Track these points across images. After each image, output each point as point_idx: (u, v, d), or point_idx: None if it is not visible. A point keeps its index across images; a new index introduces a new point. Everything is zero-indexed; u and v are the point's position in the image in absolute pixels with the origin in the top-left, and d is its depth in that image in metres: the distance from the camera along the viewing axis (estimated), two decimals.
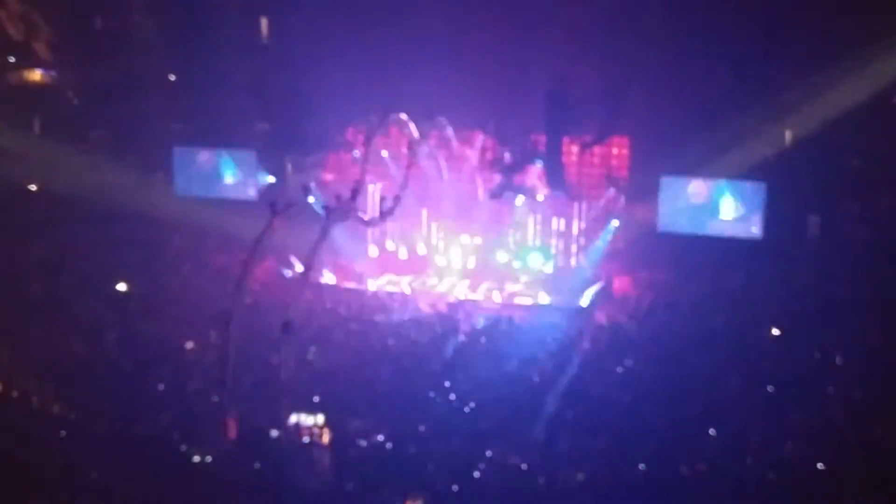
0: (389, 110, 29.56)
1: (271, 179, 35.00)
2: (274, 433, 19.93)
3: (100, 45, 36.28)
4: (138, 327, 25.70)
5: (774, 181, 30.69)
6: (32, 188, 33.74)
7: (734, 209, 31.43)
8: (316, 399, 21.19)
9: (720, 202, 31.53)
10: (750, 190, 31.22)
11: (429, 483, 18.11)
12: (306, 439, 20.08)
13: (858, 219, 29.98)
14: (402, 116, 29.60)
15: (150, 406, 20.87)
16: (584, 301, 29.58)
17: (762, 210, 30.90)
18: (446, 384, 22.66)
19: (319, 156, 34.37)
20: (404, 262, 32.25)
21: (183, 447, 19.15)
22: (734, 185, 31.40)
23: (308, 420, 20.22)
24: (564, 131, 33.84)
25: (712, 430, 20.11)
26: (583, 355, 25.31)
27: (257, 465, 18.65)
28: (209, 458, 18.91)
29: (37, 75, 37.11)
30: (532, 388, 22.80)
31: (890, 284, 26.01)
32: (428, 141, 30.92)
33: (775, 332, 25.69)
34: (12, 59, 36.31)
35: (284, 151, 35.13)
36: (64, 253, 30.05)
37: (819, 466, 18.27)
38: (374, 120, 29.76)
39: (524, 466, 19.00)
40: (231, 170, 35.11)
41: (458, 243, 32.13)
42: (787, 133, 31.29)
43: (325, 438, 20.05)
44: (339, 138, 34.53)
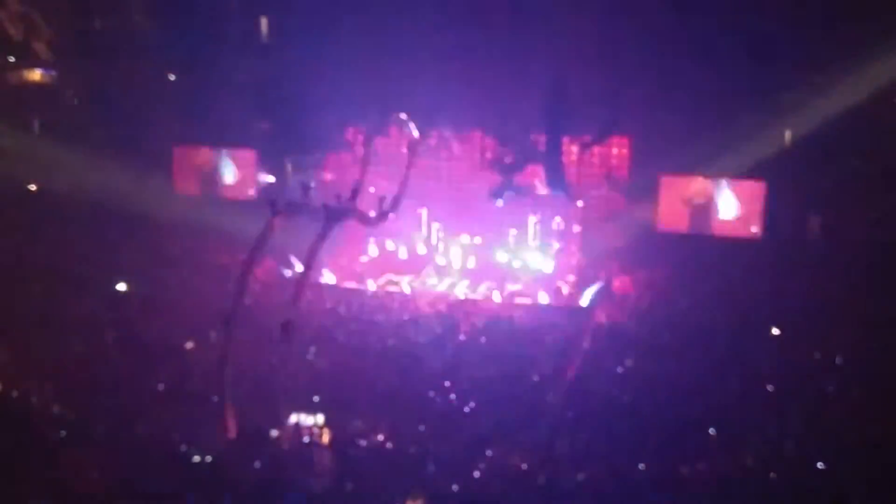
0: (389, 110, 29.57)
1: (271, 179, 34.99)
2: (274, 433, 19.97)
3: (100, 45, 36.29)
4: (138, 327, 25.71)
5: (774, 180, 30.69)
6: (32, 188, 33.72)
7: (734, 208, 31.43)
8: (316, 399, 21.23)
9: (720, 201, 31.52)
10: (750, 189, 31.22)
11: (429, 483, 18.11)
12: (306, 439, 20.11)
13: (858, 218, 29.95)
14: (402, 116, 29.56)
15: (150, 406, 20.92)
16: (584, 300, 29.55)
17: (762, 209, 30.89)
18: (446, 384, 22.68)
19: (319, 155, 34.34)
20: (404, 262, 32.23)
21: (183, 447, 19.19)
22: (734, 184, 31.40)
23: (308, 420, 20.25)
24: (564, 131, 33.82)
25: (712, 430, 20.14)
26: (583, 355, 25.35)
27: (257, 464, 18.67)
28: (209, 458, 18.94)
29: (37, 75, 37.11)
30: (532, 388, 22.83)
31: (890, 284, 26.01)
32: (428, 141, 30.87)
33: (775, 331, 25.70)
34: (12, 59, 36.31)
35: (284, 151, 35.11)
36: (64, 253, 30.02)
37: (819, 466, 18.29)
38: (374, 120, 29.83)
39: (524, 466, 19.02)
40: (231, 170, 35.09)
41: (458, 243, 32.10)
42: (787, 132, 31.31)
43: (325, 438, 20.08)
44: (338, 138, 34.51)
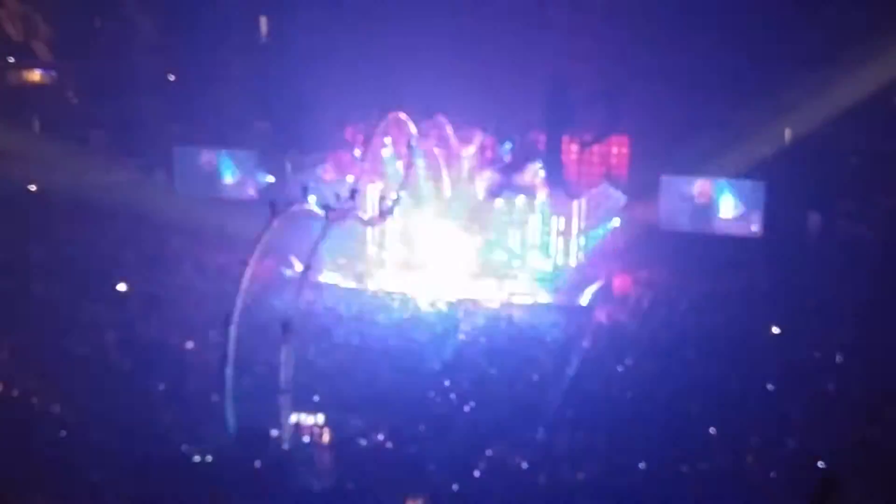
0: (389, 109, 29.58)
1: (271, 179, 34.97)
2: (274, 433, 19.98)
3: (100, 45, 36.30)
4: (138, 327, 25.72)
5: (774, 180, 30.66)
6: (32, 188, 33.72)
7: (734, 207, 31.41)
8: (316, 399, 21.24)
9: (720, 201, 31.50)
10: (750, 188, 31.19)
11: (429, 482, 18.13)
12: (306, 439, 20.14)
13: (858, 217, 29.95)
14: (402, 116, 29.57)
15: (151, 406, 20.93)
16: (584, 300, 29.52)
17: (762, 208, 30.87)
18: (446, 384, 22.70)
19: (319, 155, 34.32)
20: (404, 261, 32.19)
21: (184, 447, 19.20)
22: (734, 183, 31.38)
23: (308, 420, 20.27)
24: (564, 130, 33.82)
25: (713, 429, 20.14)
26: (583, 354, 25.34)
27: (257, 464, 18.68)
28: (209, 458, 18.95)
29: (37, 75, 37.12)
30: (532, 388, 22.83)
31: (889, 283, 25.98)
32: (427, 140, 30.86)
33: (775, 330, 25.67)
34: (12, 60, 36.32)
35: (284, 151, 35.10)
36: (64, 253, 30.04)
37: (819, 465, 18.27)
38: (374, 119, 29.82)
39: (524, 466, 19.03)
40: (231, 170, 35.08)
41: (458, 243, 32.05)
42: (787, 132, 31.30)
43: (326, 438, 20.10)
44: (338, 138, 34.51)
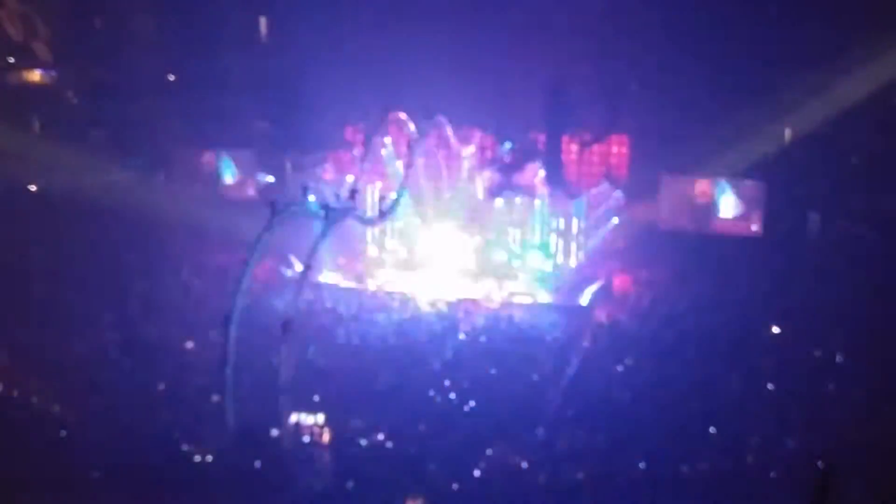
0: (389, 109, 29.58)
1: (271, 179, 34.98)
2: (274, 432, 19.98)
3: (100, 45, 36.29)
4: (138, 327, 25.72)
5: (774, 179, 30.67)
6: (32, 188, 33.71)
7: (734, 207, 31.40)
8: (316, 398, 21.23)
9: (720, 200, 31.50)
10: (750, 188, 31.19)
11: (429, 482, 18.13)
12: (307, 438, 20.13)
13: (858, 217, 29.93)
14: (402, 115, 29.58)
15: (151, 406, 20.92)
16: (584, 300, 29.52)
17: (762, 208, 30.86)
18: (446, 383, 22.68)
19: (319, 155, 34.34)
20: (404, 261, 32.20)
21: (184, 447, 19.20)
22: (734, 183, 31.38)
23: (308, 419, 20.27)
24: (564, 129, 33.82)
25: (712, 429, 20.13)
26: (583, 354, 25.34)
27: (257, 464, 18.68)
28: (210, 458, 18.95)
29: (37, 75, 37.11)
30: (532, 387, 22.83)
31: (889, 282, 25.97)
32: (427, 140, 30.86)
33: (775, 329, 25.67)
34: (12, 60, 36.30)
35: (284, 151, 35.12)
36: (64, 253, 30.02)
37: (819, 465, 18.24)
38: (374, 119, 29.82)
39: (524, 465, 19.03)
40: (231, 170, 35.10)
41: (458, 243, 32.05)
42: (787, 132, 31.31)
43: (326, 437, 20.10)
44: (338, 138, 34.52)
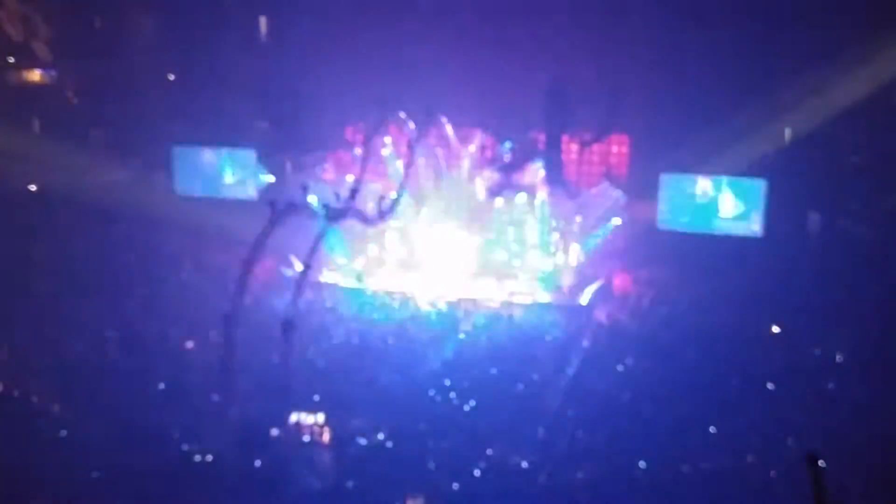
0: (388, 109, 29.57)
1: (271, 178, 34.97)
2: (274, 432, 19.99)
3: (99, 44, 36.26)
4: (138, 327, 25.72)
5: (774, 178, 30.63)
6: (32, 188, 33.71)
7: (734, 206, 31.37)
8: (316, 398, 21.24)
9: (720, 200, 31.46)
10: (750, 187, 31.16)
11: (429, 481, 18.14)
12: (307, 438, 20.14)
13: (858, 216, 29.90)
14: (402, 115, 29.57)
15: (151, 406, 20.93)
16: (584, 299, 29.52)
17: (762, 207, 30.83)
18: (446, 383, 22.70)
19: (319, 155, 34.34)
20: (404, 261, 32.20)
21: (184, 447, 19.21)
22: (734, 182, 31.35)
23: (308, 419, 20.28)
24: (564, 129, 33.79)
25: (713, 428, 20.14)
26: (583, 354, 25.34)
27: (257, 464, 18.69)
28: (210, 458, 18.96)
29: (37, 75, 37.08)
30: (532, 387, 22.83)
31: (890, 282, 25.96)
32: (427, 139, 30.86)
33: (775, 329, 25.67)
34: (12, 60, 36.28)
35: (284, 151, 35.10)
36: (64, 253, 30.03)
37: (820, 464, 18.24)
38: (374, 119, 29.81)
39: (524, 465, 19.03)
40: (231, 170, 35.08)
41: (458, 243, 32.05)
42: (787, 130, 31.27)
43: (326, 437, 20.11)
44: (338, 138, 34.51)
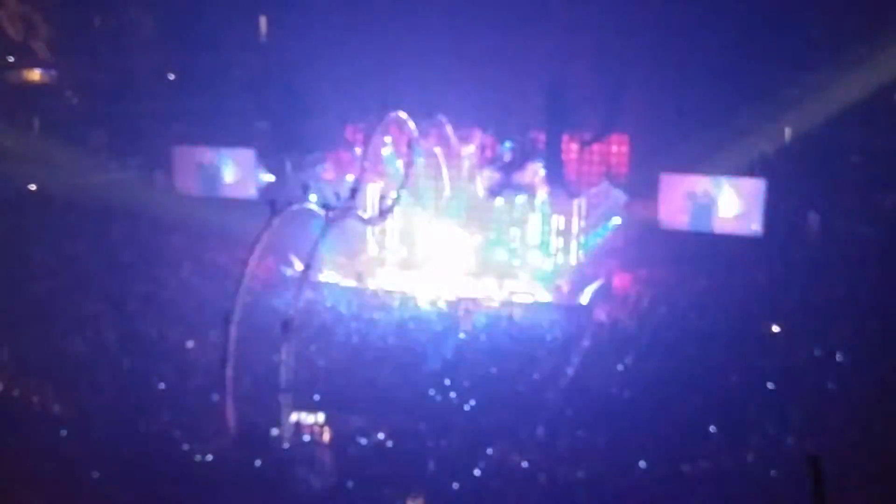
0: (389, 109, 29.57)
1: (271, 178, 34.97)
2: (274, 432, 19.99)
3: (99, 44, 36.28)
4: (138, 327, 25.72)
5: (774, 178, 30.63)
6: (32, 188, 33.72)
7: (734, 206, 31.36)
8: (316, 398, 21.25)
9: (720, 199, 31.45)
10: (750, 187, 31.15)
11: (429, 481, 18.13)
12: (307, 438, 20.14)
13: (858, 216, 29.88)
14: (402, 115, 29.57)
15: (151, 405, 20.94)
16: (585, 299, 29.51)
17: (762, 207, 30.82)
18: (446, 382, 22.70)
19: (319, 154, 34.35)
20: (404, 261, 32.21)
21: (185, 446, 19.21)
22: (734, 182, 31.33)
23: (309, 418, 20.28)
24: (564, 129, 33.80)
25: (713, 428, 20.13)
26: (583, 353, 25.34)
27: (257, 464, 18.69)
28: (210, 457, 18.96)
29: (37, 75, 37.09)
30: (532, 386, 22.83)
31: (890, 281, 25.96)
32: (427, 140, 30.85)
33: (775, 328, 25.66)
34: (12, 59, 36.30)
35: (284, 150, 35.11)
36: (64, 253, 30.04)
37: (819, 465, 18.24)
38: (374, 119, 29.81)
39: (524, 464, 19.03)
40: (231, 169, 35.08)
41: (458, 242, 32.05)
42: (787, 130, 31.28)
43: (326, 437, 20.11)
44: (338, 137, 34.51)
